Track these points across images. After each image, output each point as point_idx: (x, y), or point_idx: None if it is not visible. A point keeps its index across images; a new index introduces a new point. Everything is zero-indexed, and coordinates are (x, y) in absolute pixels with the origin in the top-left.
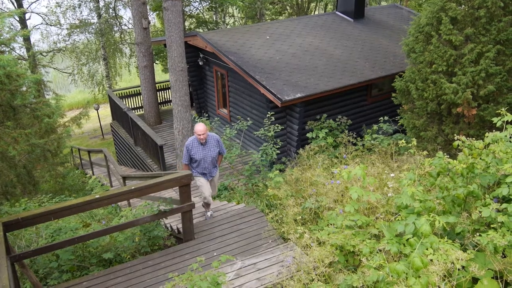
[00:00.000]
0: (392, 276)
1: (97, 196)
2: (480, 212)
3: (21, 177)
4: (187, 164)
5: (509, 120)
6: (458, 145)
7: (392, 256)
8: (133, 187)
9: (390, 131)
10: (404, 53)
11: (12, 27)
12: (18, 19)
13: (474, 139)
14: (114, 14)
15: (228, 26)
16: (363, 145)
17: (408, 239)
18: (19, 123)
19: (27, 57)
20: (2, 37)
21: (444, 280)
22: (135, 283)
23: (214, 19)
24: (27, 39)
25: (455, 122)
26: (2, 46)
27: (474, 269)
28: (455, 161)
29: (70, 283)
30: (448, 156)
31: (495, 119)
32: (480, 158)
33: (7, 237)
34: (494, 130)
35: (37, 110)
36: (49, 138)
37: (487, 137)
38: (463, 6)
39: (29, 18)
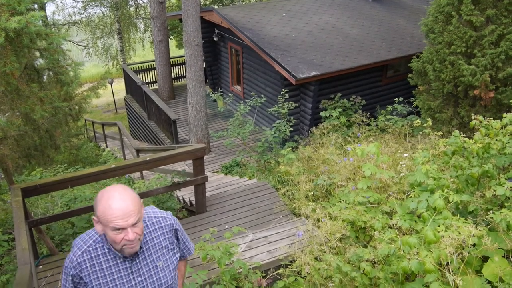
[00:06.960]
0: (403, 250)
1: (113, 166)
2: (494, 190)
3: (43, 140)
4: None
5: None
6: (475, 125)
7: (404, 233)
8: (148, 158)
9: (404, 112)
10: (422, 33)
11: None
12: None
13: (492, 119)
14: None
15: (243, 3)
16: (377, 125)
17: (421, 213)
18: (43, 86)
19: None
20: None
21: (456, 253)
22: None
23: None
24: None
25: (471, 105)
26: (34, 4)
27: (487, 241)
28: (471, 140)
29: None
30: (464, 137)
31: None
32: (497, 139)
33: (25, 203)
34: None
35: (60, 73)
36: (71, 103)
37: (505, 117)
38: None
39: None
